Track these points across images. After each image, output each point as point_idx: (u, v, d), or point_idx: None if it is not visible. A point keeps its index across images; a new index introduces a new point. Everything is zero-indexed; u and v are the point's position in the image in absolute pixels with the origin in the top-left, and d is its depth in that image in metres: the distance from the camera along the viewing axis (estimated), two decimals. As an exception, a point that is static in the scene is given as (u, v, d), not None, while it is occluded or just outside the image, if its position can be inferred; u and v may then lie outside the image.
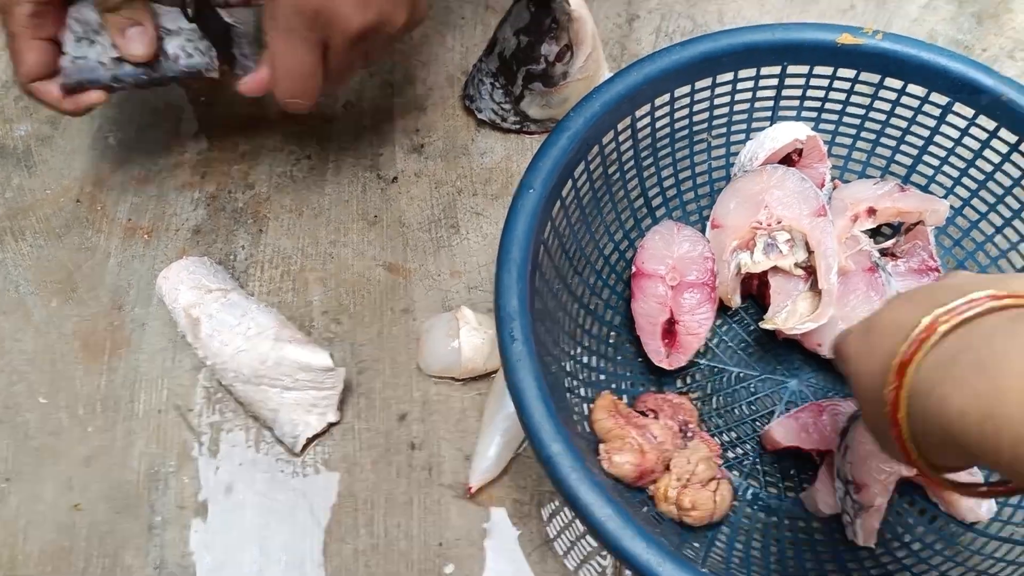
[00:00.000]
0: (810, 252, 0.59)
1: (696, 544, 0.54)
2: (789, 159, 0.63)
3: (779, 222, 0.60)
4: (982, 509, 0.54)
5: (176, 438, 0.60)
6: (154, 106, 0.73)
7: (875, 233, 0.64)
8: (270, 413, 0.59)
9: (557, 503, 0.58)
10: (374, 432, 0.60)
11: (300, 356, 0.57)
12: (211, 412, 0.61)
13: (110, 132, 0.72)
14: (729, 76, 0.61)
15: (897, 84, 0.61)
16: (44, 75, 0.57)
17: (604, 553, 0.56)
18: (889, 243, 0.63)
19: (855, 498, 0.53)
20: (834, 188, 0.64)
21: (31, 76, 0.57)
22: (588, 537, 0.57)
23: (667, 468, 0.54)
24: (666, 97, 0.60)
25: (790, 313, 0.58)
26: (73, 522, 0.57)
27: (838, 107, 0.64)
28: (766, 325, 0.58)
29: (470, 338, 0.60)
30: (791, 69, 0.61)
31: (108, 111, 0.73)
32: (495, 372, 0.61)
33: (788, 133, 0.62)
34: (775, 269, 0.60)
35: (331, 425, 0.60)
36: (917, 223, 0.61)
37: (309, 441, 0.59)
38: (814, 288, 0.59)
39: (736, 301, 0.62)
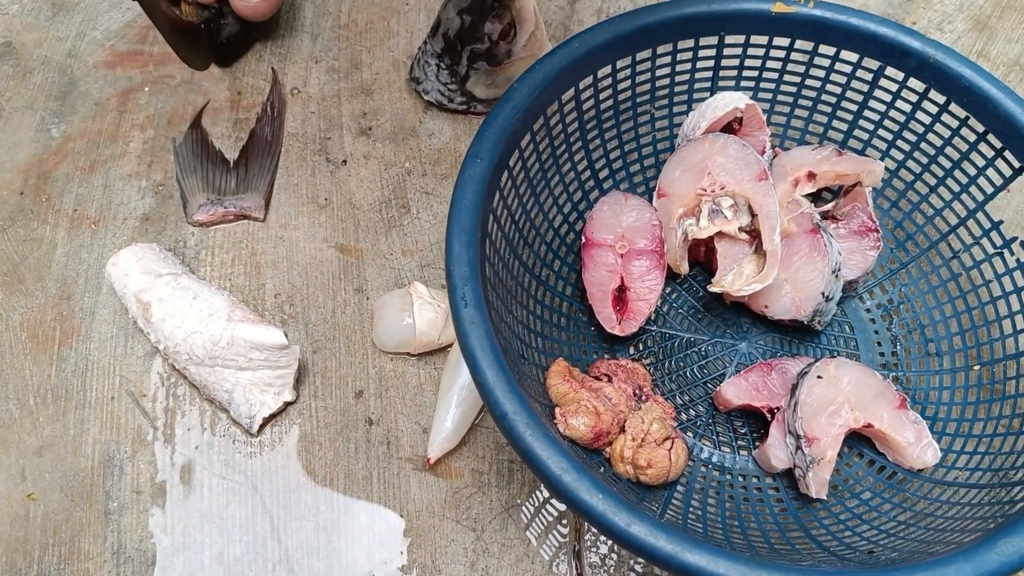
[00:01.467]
0: (754, 216, 0.61)
1: (653, 505, 0.55)
2: (730, 127, 0.65)
3: (723, 188, 0.61)
4: (927, 455, 0.56)
5: (130, 424, 0.59)
6: (97, 98, 0.73)
7: (816, 198, 0.66)
8: (225, 395, 0.59)
9: (517, 471, 0.58)
10: (331, 410, 0.60)
11: (253, 335, 0.57)
12: (165, 397, 0.60)
13: (52, 124, 0.71)
14: (669, 47, 0.63)
15: (830, 51, 0.63)
16: None
17: (565, 521, 0.57)
18: (829, 206, 0.64)
19: (806, 451, 0.54)
20: (775, 156, 0.66)
21: None
22: (548, 505, 0.57)
23: (622, 430, 0.55)
24: (608, 69, 0.61)
25: (736, 275, 0.60)
26: (27, 512, 0.56)
27: (775, 75, 0.65)
28: (715, 288, 0.59)
29: (423, 312, 0.60)
30: (728, 39, 0.63)
31: (50, 103, 0.72)
32: (450, 346, 0.62)
33: (728, 102, 0.63)
34: (720, 234, 0.61)
35: (287, 404, 0.60)
36: (855, 184, 0.63)
37: (266, 421, 0.59)
38: (759, 251, 0.61)
39: (684, 268, 0.63)
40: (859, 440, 0.58)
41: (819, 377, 0.55)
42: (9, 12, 0.78)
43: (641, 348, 0.62)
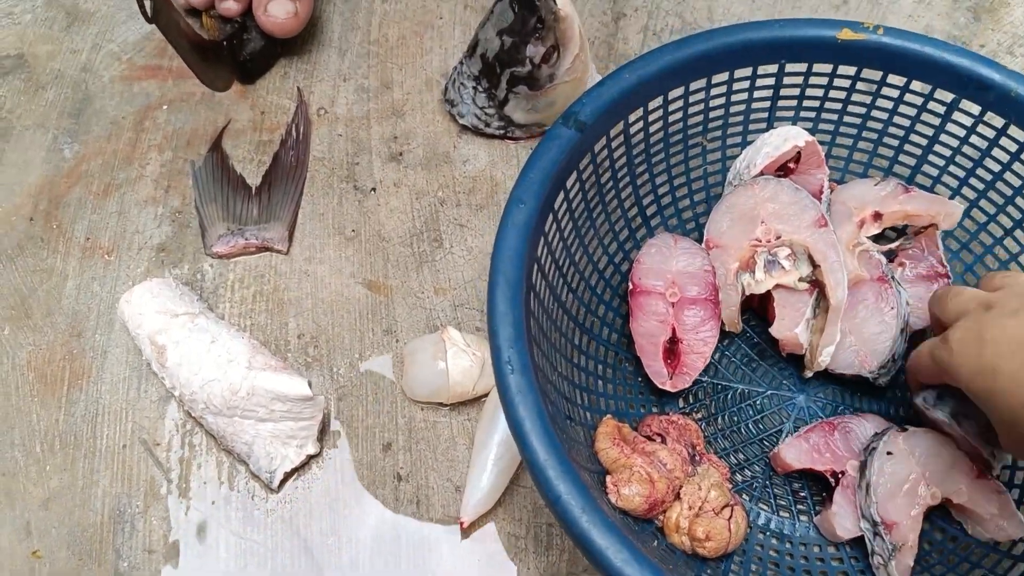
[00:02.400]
0: (815, 266, 0.56)
1: (706, 576, 0.51)
2: (785, 166, 0.60)
3: (778, 237, 0.57)
4: (1011, 528, 0.51)
5: (143, 475, 0.55)
6: (113, 116, 0.69)
7: (878, 237, 0.61)
8: (244, 447, 0.55)
9: (556, 536, 0.54)
10: (357, 464, 0.56)
11: (276, 385, 0.53)
12: (180, 446, 0.56)
13: (65, 144, 0.67)
14: (725, 76, 0.58)
15: (900, 81, 0.58)
16: None
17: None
18: (892, 245, 0.60)
19: (886, 539, 0.49)
20: (831, 191, 0.61)
21: None
22: (588, 572, 0.53)
23: (677, 497, 0.51)
24: (659, 100, 0.57)
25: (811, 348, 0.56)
26: (32, 570, 0.53)
27: (838, 106, 0.61)
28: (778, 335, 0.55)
29: (458, 360, 0.56)
30: (789, 67, 0.58)
31: (63, 121, 0.68)
32: (485, 396, 0.57)
33: (787, 139, 0.58)
34: (778, 285, 0.56)
35: (310, 457, 0.56)
36: (928, 226, 0.58)
37: (287, 475, 0.55)
38: (820, 301, 0.56)
39: (739, 326, 0.58)
40: (935, 512, 0.53)
41: (889, 453, 0.51)
42: (22, 22, 0.74)
43: (691, 400, 0.58)
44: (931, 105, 0.58)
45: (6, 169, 0.66)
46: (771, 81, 0.59)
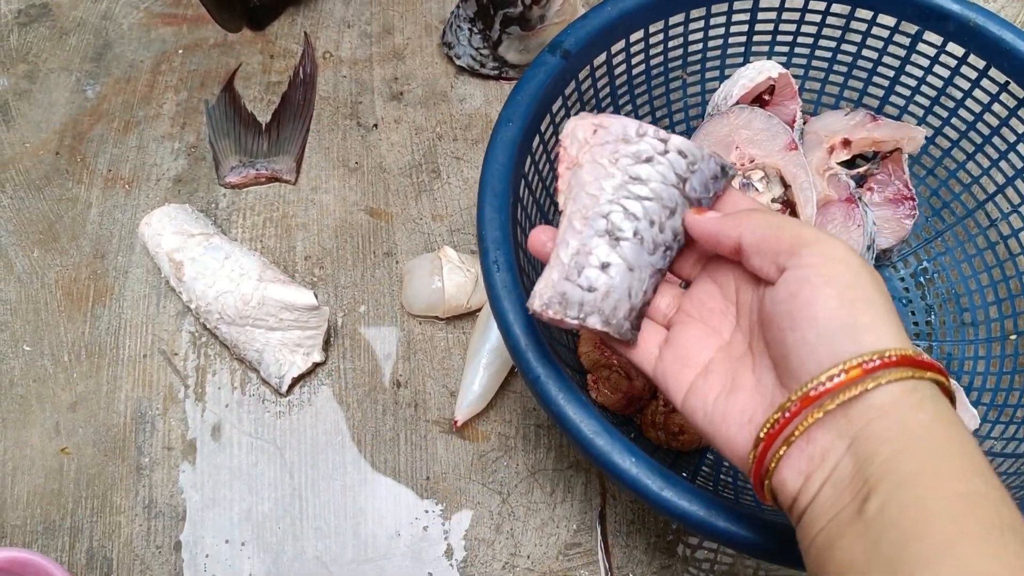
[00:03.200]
0: (786, 187, 0.60)
1: (684, 475, 0.55)
2: (760, 97, 0.64)
3: (751, 161, 0.61)
4: (966, 422, 0.55)
5: (162, 382, 0.60)
6: (132, 59, 0.73)
7: (850, 164, 0.65)
8: (255, 354, 0.59)
9: (544, 436, 0.58)
10: (359, 372, 0.61)
11: (284, 295, 0.58)
12: (196, 356, 0.61)
13: (88, 85, 0.72)
14: (702, 11, 0.62)
15: (867, 15, 0.62)
16: None
17: (590, 486, 0.57)
18: (861, 170, 0.63)
19: None
20: (805, 123, 0.65)
21: None
22: (574, 469, 0.57)
23: (654, 396, 0.55)
24: (640, 33, 0.60)
25: None
26: (61, 466, 0.57)
27: (809, 41, 0.64)
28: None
29: (453, 276, 0.60)
30: (763, 2, 0.62)
31: (86, 65, 0.73)
32: (479, 310, 0.62)
33: (761, 71, 0.62)
34: (753, 204, 0.60)
35: (316, 365, 0.60)
36: (893, 151, 0.62)
37: (295, 381, 0.60)
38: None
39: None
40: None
41: None
42: (45, -25, 0.78)
43: (670, 315, 0.62)
44: (896, 37, 0.62)
45: (34, 108, 0.71)
46: (746, 16, 0.63)
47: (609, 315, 0.39)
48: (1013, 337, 0.60)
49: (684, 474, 0.55)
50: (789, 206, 0.60)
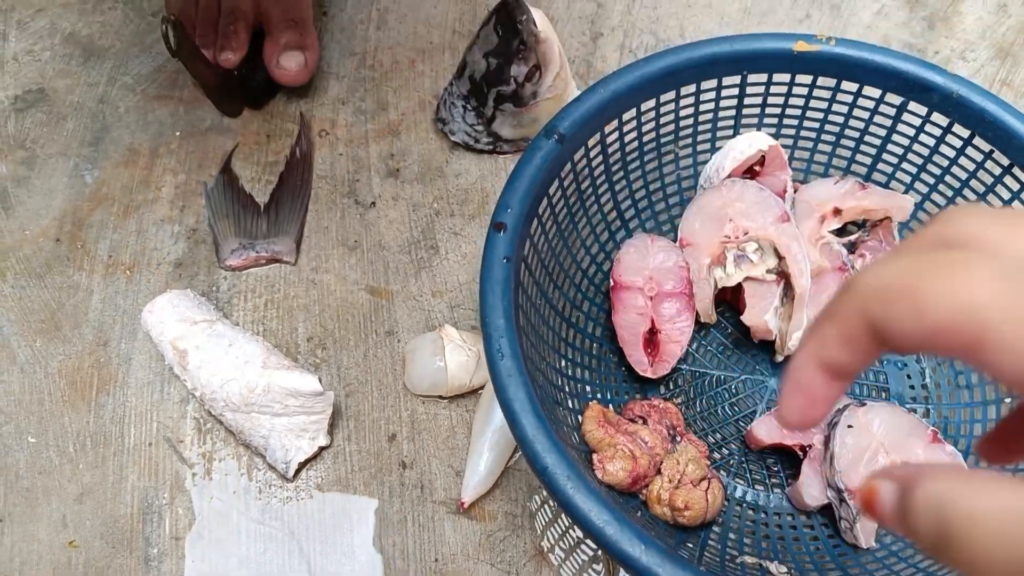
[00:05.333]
0: (780, 258, 0.61)
1: (690, 545, 0.55)
2: (751, 168, 0.65)
3: (745, 233, 0.62)
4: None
5: (168, 470, 0.60)
6: (129, 142, 0.74)
7: (840, 231, 0.66)
8: (261, 440, 0.59)
9: (550, 513, 0.59)
10: (365, 454, 0.61)
11: (289, 382, 0.58)
12: (202, 442, 0.61)
13: (86, 170, 0.73)
14: (692, 88, 0.63)
15: (853, 87, 0.63)
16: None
17: (599, 564, 0.57)
18: (852, 238, 0.65)
19: (851, 504, 0.54)
20: (795, 191, 0.66)
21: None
22: (582, 546, 0.58)
23: (658, 472, 0.55)
24: (633, 111, 0.62)
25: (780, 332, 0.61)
26: (69, 560, 0.57)
27: (798, 112, 0.66)
28: (749, 322, 0.60)
29: (455, 355, 0.61)
30: (751, 78, 0.64)
31: (84, 149, 0.74)
32: (481, 388, 0.62)
33: (752, 144, 0.63)
34: (747, 277, 0.61)
35: (322, 449, 0.61)
36: (883, 219, 0.63)
37: (301, 466, 0.60)
38: (787, 291, 0.61)
39: (714, 317, 0.63)
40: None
41: (849, 426, 0.55)
42: (42, 59, 0.79)
43: (672, 387, 0.63)
44: (882, 108, 0.63)
45: (32, 195, 0.71)
46: (735, 91, 0.64)
47: None
48: (1008, 400, 0.60)
49: (690, 544, 0.55)
50: (784, 277, 0.61)
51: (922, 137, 0.64)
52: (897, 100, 0.63)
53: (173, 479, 0.60)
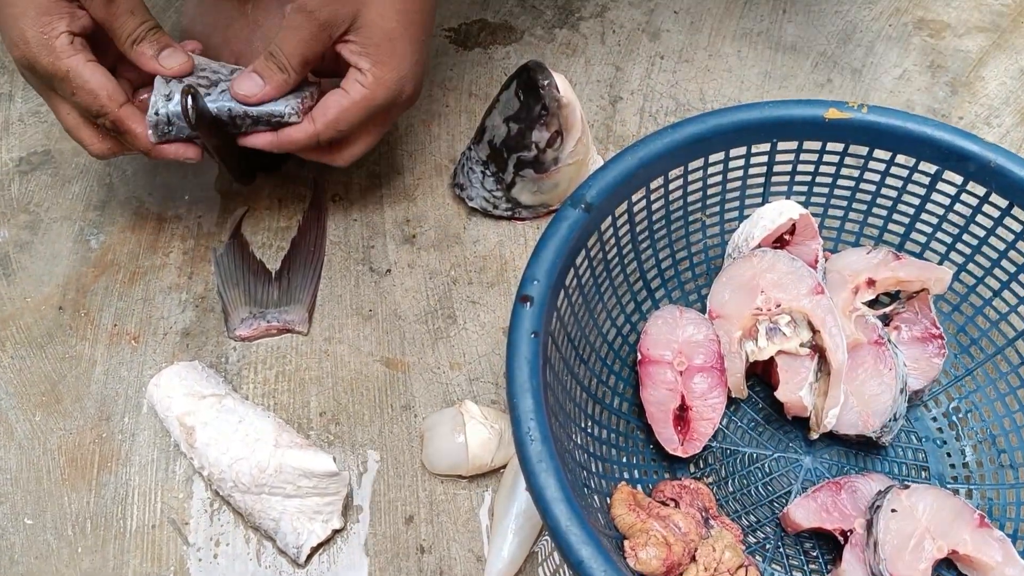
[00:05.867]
0: (814, 331, 0.59)
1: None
2: (781, 237, 0.63)
3: (778, 305, 0.59)
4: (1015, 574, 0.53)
5: (172, 554, 0.57)
6: (136, 206, 0.72)
7: (873, 303, 0.64)
8: (271, 523, 0.56)
9: (576, 602, 0.55)
10: (380, 537, 0.58)
11: (302, 462, 0.55)
12: (208, 524, 0.58)
13: (91, 235, 0.70)
14: (721, 156, 0.61)
15: (885, 155, 0.61)
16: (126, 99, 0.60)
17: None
18: (887, 310, 0.62)
19: None
20: (826, 260, 0.64)
21: (118, 100, 0.59)
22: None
23: (693, 559, 0.52)
24: (660, 180, 0.60)
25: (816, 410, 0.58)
26: (65, 653, 0.54)
27: (828, 180, 0.64)
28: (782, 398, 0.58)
29: (476, 433, 0.58)
30: (781, 145, 0.62)
31: (89, 213, 0.71)
32: (503, 467, 0.59)
33: (782, 213, 0.61)
34: (780, 351, 0.59)
35: (336, 532, 0.57)
36: (920, 291, 0.61)
37: (313, 551, 0.57)
38: (822, 365, 0.59)
39: (744, 392, 0.61)
40: (944, 566, 0.55)
41: (893, 511, 0.52)
42: (48, 120, 0.78)
43: (702, 465, 0.60)
44: (916, 176, 0.62)
45: (36, 261, 0.69)
46: (764, 158, 0.63)
47: None
48: (1058, 482, 0.58)
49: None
50: (818, 350, 0.59)
51: (957, 207, 0.62)
52: (932, 168, 0.61)
53: (177, 564, 0.57)
